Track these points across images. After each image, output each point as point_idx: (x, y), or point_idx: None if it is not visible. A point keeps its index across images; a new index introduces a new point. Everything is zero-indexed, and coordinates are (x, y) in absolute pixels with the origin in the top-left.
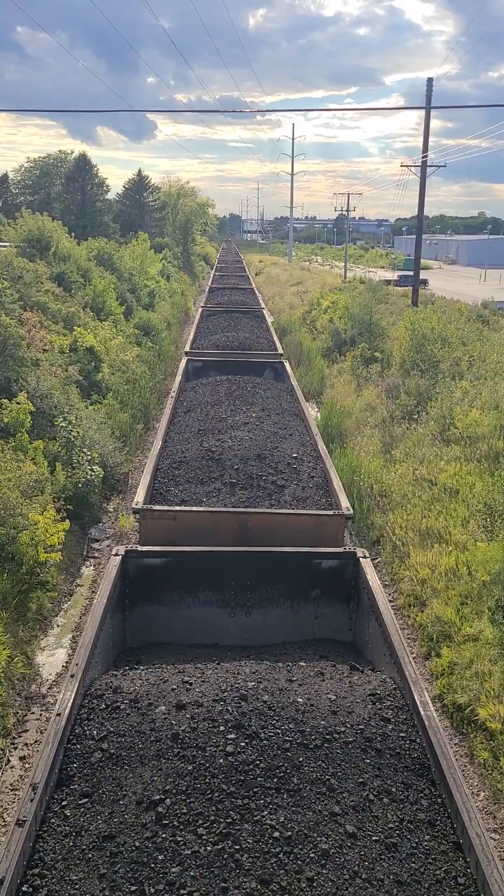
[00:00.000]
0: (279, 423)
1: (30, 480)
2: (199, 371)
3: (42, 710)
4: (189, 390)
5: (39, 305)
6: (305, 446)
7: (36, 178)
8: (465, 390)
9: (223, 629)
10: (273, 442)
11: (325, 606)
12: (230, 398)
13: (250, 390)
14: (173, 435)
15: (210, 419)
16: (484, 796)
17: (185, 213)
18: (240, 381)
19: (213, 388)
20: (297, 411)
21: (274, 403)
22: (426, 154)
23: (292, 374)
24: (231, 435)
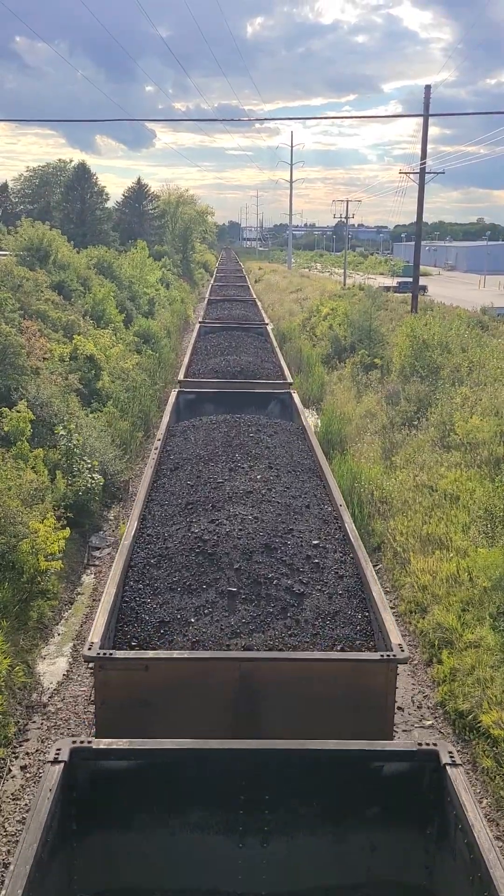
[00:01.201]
0: (292, 486)
1: (30, 489)
2: (193, 405)
3: (43, 719)
4: (178, 435)
5: (39, 314)
6: (328, 523)
7: (35, 186)
8: (465, 396)
9: (226, 867)
10: (286, 521)
11: (386, 832)
12: (228, 449)
13: (253, 436)
14: (154, 509)
15: (202, 484)
16: (487, 803)
17: (184, 220)
18: (240, 424)
19: (208, 432)
20: (312, 466)
21: (283, 455)
22: (424, 161)
23: (304, 411)
24: (229, 512)
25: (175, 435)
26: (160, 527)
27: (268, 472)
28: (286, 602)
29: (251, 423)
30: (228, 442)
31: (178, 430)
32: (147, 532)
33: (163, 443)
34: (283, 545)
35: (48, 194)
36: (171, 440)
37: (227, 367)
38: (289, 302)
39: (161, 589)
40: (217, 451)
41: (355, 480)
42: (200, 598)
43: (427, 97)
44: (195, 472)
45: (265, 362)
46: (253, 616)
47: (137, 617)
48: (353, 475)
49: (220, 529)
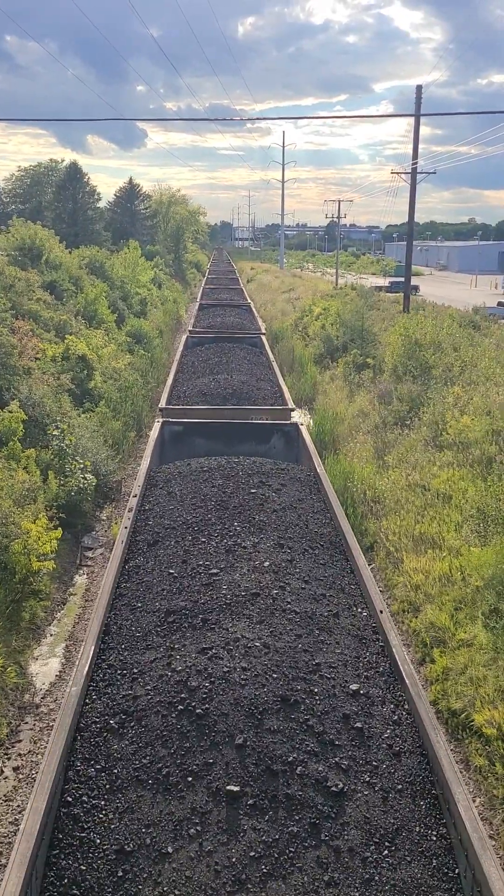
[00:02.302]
0: (311, 577)
1: (22, 489)
2: (180, 439)
3: (35, 720)
4: (161, 485)
5: (31, 314)
6: (366, 644)
7: (27, 186)
8: (457, 396)
9: None
10: (309, 648)
11: None
12: (224, 513)
13: (255, 491)
14: (122, 617)
15: (189, 574)
16: (480, 802)
17: (176, 220)
18: (238, 471)
19: (197, 485)
20: (333, 536)
21: (295, 521)
22: (416, 161)
23: (315, 451)
24: (227, 634)
25: (157, 485)
26: (128, 652)
27: (278, 553)
28: (318, 810)
29: (252, 470)
30: (223, 501)
31: (161, 479)
32: (109, 661)
33: (140, 499)
34: (307, 696)
35: (40, 194)
36: (152, 493)
37: (217, 389)
38: (281, 302)
39: (124, 781)
40: (209, 514)
41: (348, 480)
42: (184, 802)
43: (418, 97)
44: (180, 552)
45: (261, 381)
46: (266, 841)
47: (83, 842)
48: (346, 475)
49: (215, 669)
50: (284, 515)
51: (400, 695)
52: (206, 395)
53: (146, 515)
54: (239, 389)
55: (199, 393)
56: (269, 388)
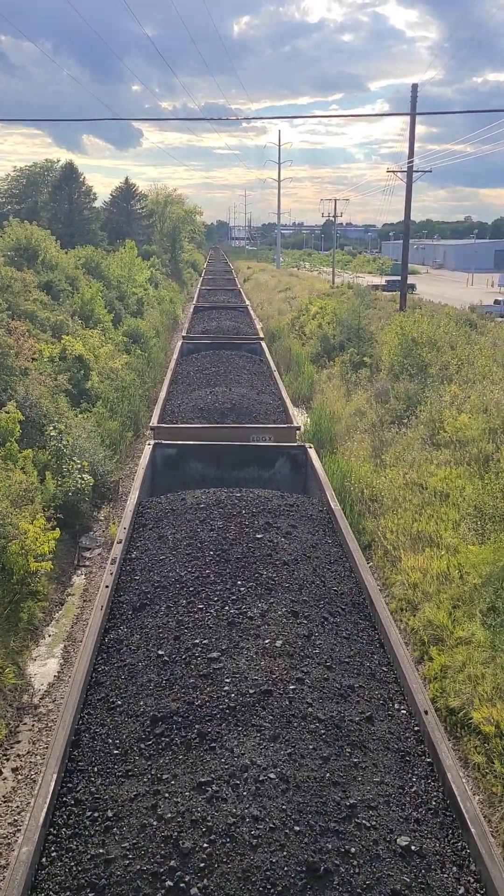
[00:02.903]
0: (334, 658)
1: (19, 489)
2: (174, 464)
3: (34, 720)
4: (150, 525)
5: (27, 314)
6: (409, 761)
7: (23, 187)
8: (454, 394)
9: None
10: (339, 774)
11: None
12: (225, 567)
13: (262, 537)
14: (94, 722)
15: (181, 658)
16: (479, 800)
17: (172, 220)
18: (241, 510)
19: (193, 528)
20: (355, 594)
21: (310, 576)
22: (412, 159)
23: (327, 481)
24: (230, 755)
25: (146, 525)
26: (102, 778)
27: (292, 625)
28: None
29: (255, 507)
30: (224, 551)
31: (151, 516)
32: (77, 793)
33: (126, 544)
34: (342, 862)
35: (35, 194)
36: (141, 536)
37: (215, 404)
38: (278, 301)
39: None
40: (207, 569)
41: (345, 479)
42: None
43: (414, 96)
44: (172, 623)
45: (262, 393)
46: None
47: None
48: (343, 473)
49: (217, 819)
50: (297, 569)
51: (463, 848)
52: (202, 410)
53: (132, 567)
54: (238, 404)
55: (194, 408)
56: (272, 401)
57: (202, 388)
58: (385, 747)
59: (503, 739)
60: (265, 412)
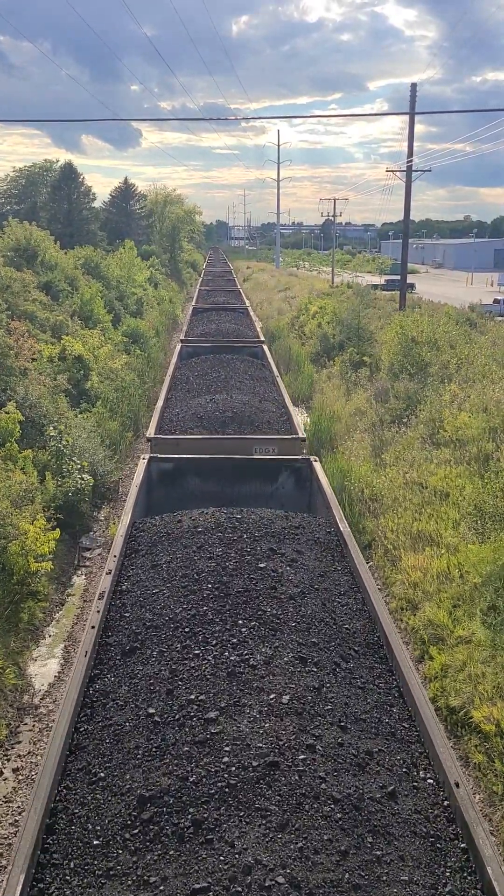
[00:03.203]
0: (349, 713)
1: (19, 490)
2: (171, 479)
3: (34, 721)
4: (143, 552)
5: (27, 315)
6: (440, 848)
7: (22, 187)
8: (454, 393)
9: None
10: (360, 873)
11: None
12: (222, 603)
13: (265, 566)
14: (72, 802)
15: (174, 719)
16: (480, 799)
17: (171, 220)
18: (242, 534)
19: (189, 556)
20: (369, 634)
21: (317, 613)
22: (411, 159)
23: (335, 499)
24: (230, 851)
25: (139, 551)
26: (79, 878)
27: (300, 674)
28: None
29: (258, 530)
30: (224, 583)
31: (145, 541)
32: None
33: (116, 573)
34: None
35: (35, 194)
36: (133, 563)
37: (215, 412)
38: (277, 300)
39: None
40: (204, 606)
41: (345, 478)
42: None
43: (413, 95)
44: (165, 672)
45: (265, 401)
46: None
47: None
48: (343, 473)
49: None
50: (304, 604)
51: None
52: (202, 419)
53: (122, 601)
54: (240, 412)
55: (194, 416)
56: (274, 409)
57: (202, 395)
58: (412, 832)
59: (503, 738)
60: (268, 421)
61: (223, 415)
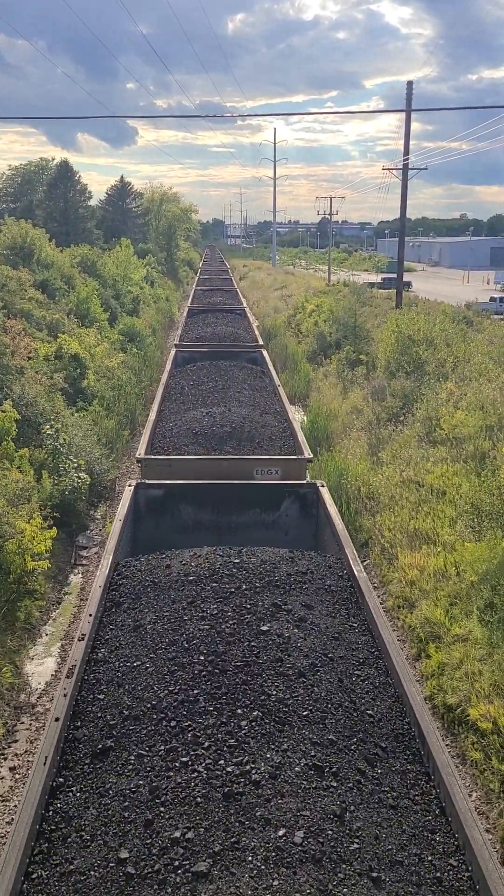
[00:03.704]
0: (382, 854)
1: (16, 489)
2: (161, 507)
3: (31, 720)
4: (125, 606)
5: (23, 313)
6: None
7: (17, 185)
8: (451, 391)
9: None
10: None
11: None
12: (216, 682)
13: (269, 628)
14: None
15: (152, 880)
16: (476, 796)
17: (168, 218)
18: (240, 587)
19: (177, 616)
20: (398, 723)
21: (333, 694)
22: (407, 157)
23: (346, 535)
24: None
25: (120, 603)
26: None
27: (316, 793)
28: None
29: (260, 578)
30: (218, 655)
31: (128, 590)
32: None
33: (93, 633)
34: None
35: (30, 193)
36: (112, 622)
37: (213, 427)
38: (274, 299)
39: None
40: (195, 688)
41: (342, 477)
42: None
43: (409, 93)
44: (142, 791)
45: (266, 414)
46: None
47: None
48: (340, 471)
49: None
50: (316, 682)
51: None
52: (198, 434)
53: (97, 675)
54: (239, 427)
55: (189, 432)
56: (277, 423)
57: (198, 408)
58: None
59: (500, 736)
60: (269, 437)
61: (221, 430)
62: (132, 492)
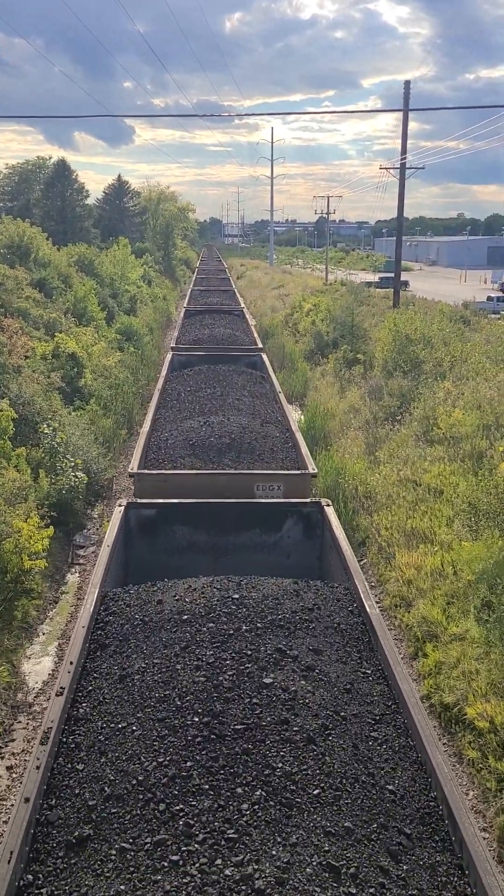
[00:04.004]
0: None
1: (13, 488)
2: (152, 527)
3: (29, 719)
4: (111, 650)
5: (20, 312)
6: None
7: (15, 184)
8: (448, 391)
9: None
10: None
11: None
12: (212, 750)
13: (272, 681)
14: None
15: None
16: (473, 795)
17: (165, 217)
18: (239, 628)
19: (168, 665)
20: (431, 808)
21: (349, 766)
22: (405, 156)
23: (356, 564)
24: None
25: (106, 646)
26: None
27: None
28: None
29: (262, 615)
30: (216, 717)
31: (114, 630)
32: None
33: (73, 686)
34: None
35: (27, 192)
36: (97, 669)
37: (210, 438)
38: (271, 298)
39: None
40: (188, 759)
41: (339, 476)
42: None
43: (406, 92)
44: (125, 883)
45: (267, 423)
46: None
47: None
48: (337, 470)
49: None
50: (328, 749)
51: None
52: (194, 446)
53: (77, 738)
54: (238, 438)
55: (185, 443)
56: (278, 433)
57: (194, 417)
58: None
59: (497, 735)
60: (271, 448)
61: (219, 441)
62: (122, 513)
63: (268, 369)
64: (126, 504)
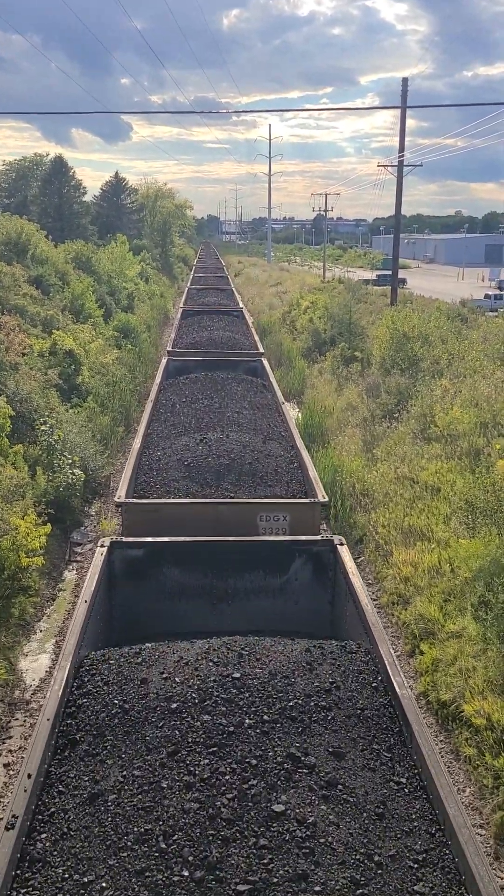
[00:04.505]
0: None
1: (10, 485)
2: (140, 568)
3: (26, 716)
4: (82, 749)
5: (17, 309)
6: None
7: (12, 181)
8: (445, 388)
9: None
10: None
11: None
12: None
13: (283, 810)
14: None
15: None
16: (470, 792)
17: (162, 214)
18: (242, 725)
19: (154, 782)
20: None
21: None
22: (402, 154)
23: (381, 629)
24: None
25: (76, 742)
26: None
27: None
28: None
29: (269, 700)
30: (212, 872)
31: (86, 721)
32: None
33: (31, 805)
34: None
35: (25, 188)
36: (62, 777)
37: (207, 458)
38: (269, 295)
39: None
40: (177, 859)
41: (336, 473)
42: None
43: (404, 89)
44: None
45: (269, 440)
46: None
47: None
48: (335, 468)
49: None
50: None
51: None
52: (190, 467)
53: None
54: (239, 458)
55: (179, 463)
56: (283, 452)
57: (190, 433)
58: None
59: (494, 732)
60: (275, 470)
61: (217, 462)
62: (105, 553)
63: (269, 377)
64: (109, 543)
